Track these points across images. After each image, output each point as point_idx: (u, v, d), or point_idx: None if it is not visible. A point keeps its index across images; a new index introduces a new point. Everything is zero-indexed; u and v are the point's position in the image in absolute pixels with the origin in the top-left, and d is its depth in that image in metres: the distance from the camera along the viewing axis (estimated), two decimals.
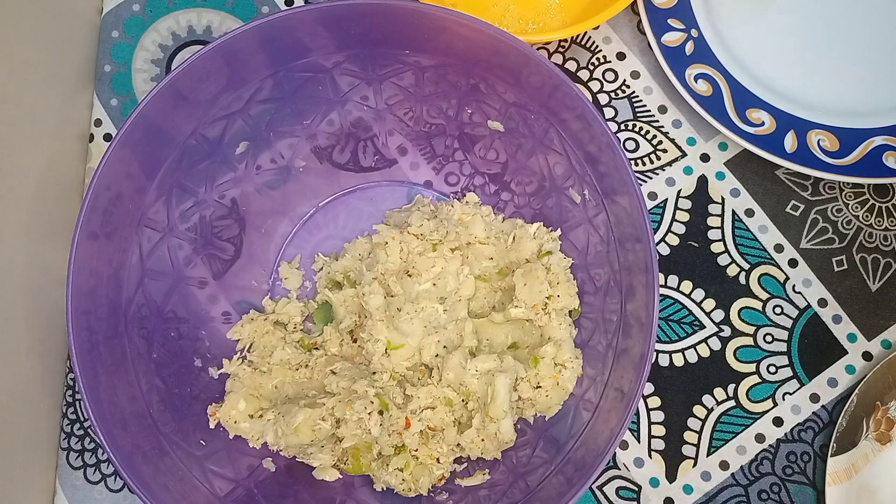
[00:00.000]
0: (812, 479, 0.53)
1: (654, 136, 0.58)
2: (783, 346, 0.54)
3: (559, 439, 0.48)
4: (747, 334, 0.55)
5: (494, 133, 0.53)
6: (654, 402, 0.54)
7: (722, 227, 0.56)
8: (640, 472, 0.53)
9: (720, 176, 0.57)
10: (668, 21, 0.57)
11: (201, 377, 0.52)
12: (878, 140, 0.54)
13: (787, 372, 0.54)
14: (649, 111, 0.58)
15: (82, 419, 0.56)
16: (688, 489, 0.53)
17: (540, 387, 0.50)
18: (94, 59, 0.62)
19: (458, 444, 0.50)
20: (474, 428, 0.49)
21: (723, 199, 0.57)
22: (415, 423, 0.49)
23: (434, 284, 0.52)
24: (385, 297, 0.51)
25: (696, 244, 0.56)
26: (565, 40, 0.60)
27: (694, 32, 0.57)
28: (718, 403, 0.54)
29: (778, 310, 0.55)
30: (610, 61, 0.59)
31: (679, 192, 0.57)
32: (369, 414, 0.48)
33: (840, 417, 0.51)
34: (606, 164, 0.46)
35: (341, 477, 0.50)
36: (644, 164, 0.57)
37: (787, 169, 0.55)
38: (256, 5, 0.61)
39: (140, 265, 0.49)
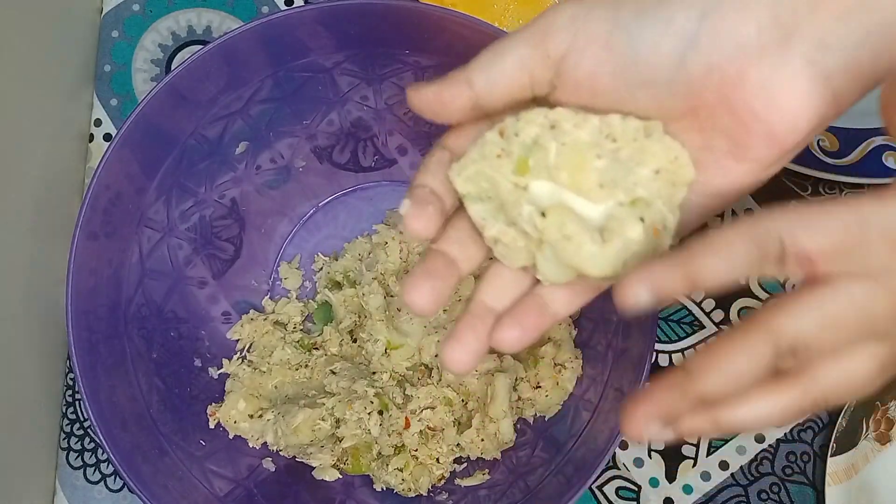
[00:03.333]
0: (812, 479, 0.53)
1: None
2: None
3: (559, 439, 0.48)
4: None
5: None
6: None
7: None
8: (639, 471, 0.53)
9: None
10: None
11: (201, 377, 0.52)
12: (878, 140, 0.54)
13: None
14: None
15: (82, 419, 0.56)
16: (687, 489, 0.53)
17: (540, 387, 0.50)
18: (94, 59, 0.62)
19: (458, 444, 0.50)
20: (474, 428, 0.49)
21: None
22: (414, 423, 0.49)
23: None
24: (385, 297, 0.51)
25: None
26: None
27: None
28: None
29: None
30: None
31: None
32: (369, 414, 0.48)
33: (840, 417, 0.51)
34: None
35: (341, 477, 0.50)
36: None
37: (787, 169, 0.54)
38: (256, 5, 0.61)
39: (140, 265, 0.49)
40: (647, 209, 0.27)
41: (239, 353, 0.54)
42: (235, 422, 0.50)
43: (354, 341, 0.53)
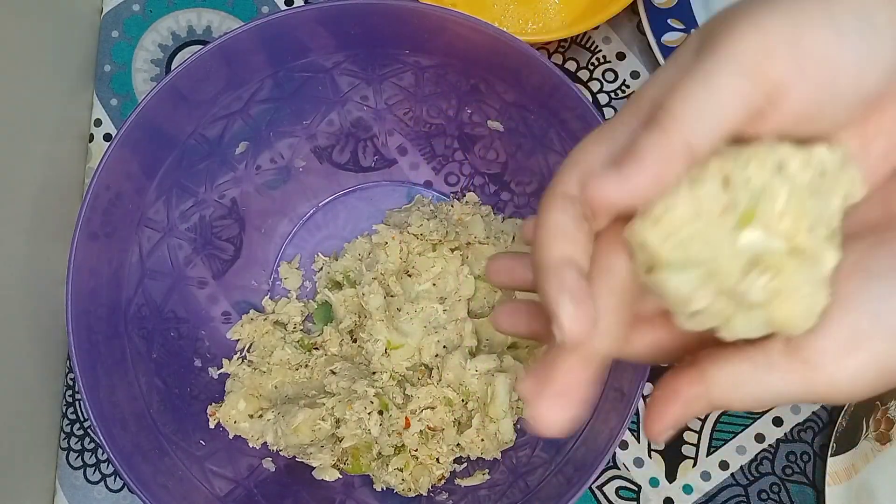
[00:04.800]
0: (812, 479, 0.53)
1: None
2: None
3: (559, 439, 0.48)
4: None
5: (494, 133, 0.53)
6: None
7: None
8: (639, 471, 0.53)
9: None
10: (668, 21, 0.57)
11: (201, 377, 0.52)
12: None
13: None
14: None
15: (82, 419, 0.56)
16: (687, 489, 0.53)
17: None
18: (94, 59, 0.62)
19: (458, 444, 0.50)
20: (474, 428, 0.49)
21: None
22: (414, 423, 0.49)
23: (434, 284, 0.52)
24: (385, 297, 0.51)
25: None
26: (565, 40, 0.60)
27: None
28: None
29: None
30: (610, 61, 0.59)
31: None
32: (369, 414, 0.48)
33: (840, 417, 0.51)
34: None
35: (341, 477, 0.50)
36: None
37: None
38: (256, 5, 0.61)
39: (140, 265, 0.49)
40: (836, 238, 0.24)
41: (239, 353, 0.54)
42: (235, 422, 0.50)
43: (354, 341, 0.53)
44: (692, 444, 0.53)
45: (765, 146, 0.24)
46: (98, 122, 0.61)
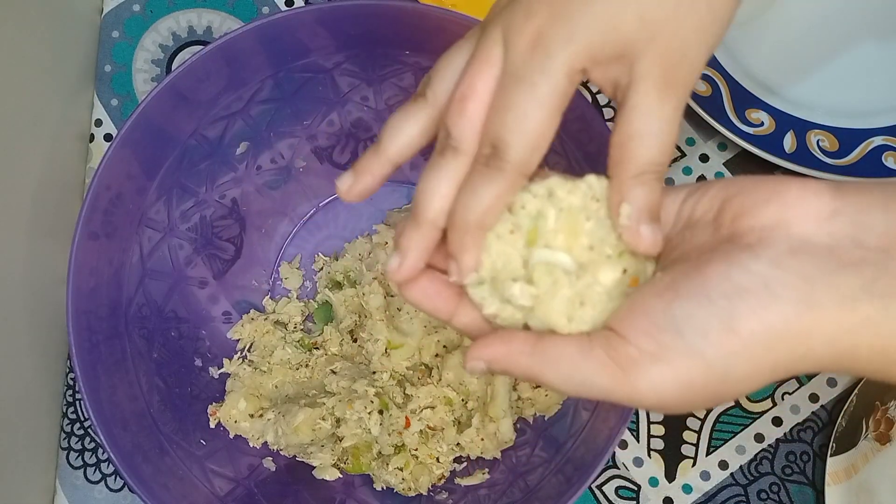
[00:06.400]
0: (811, 479, 0.53)
1: None
2: None
3: (558, 439, 0.48)
4: None
5: None
6: None
7: None
8: (639, 471, 0.53)
9: (719, 176, 0.57)
10: None
11: (202, 377, 0.52)
12: (878, 140, 0.54)
13: None
14: None
15: (82, 419, 0.56)
16: (687, 489, 0.53)
17: (539, 386, 0.50)
18: (95, 59, 0.62)
19: (458, 444, 0.50)
20: (474, 427, 0.49)
21: None
22: (415, 422, 0.49)
23: None
24: (385, 297, 0.51)
25: None
26: None
27: None
28: None
29: None
30: None
31: None
32: (369, 413, 0.48)
33: (839, 417, 0.51)
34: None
35: (341, 476, 0.50)
36: None
37: (787, 169, 0.55)
38: (256, 5, 0.61)
39: (140, 265, 0.49)
40: (632, 260, 0.28)
41: (239, 352, 0.54)
42: (236, 421, 0.51)
43: (355, 341, 0.53)
44: (692, 444, 0.53)
45: (538, 178, 0.29)
46: (98, 122, 0.61)
